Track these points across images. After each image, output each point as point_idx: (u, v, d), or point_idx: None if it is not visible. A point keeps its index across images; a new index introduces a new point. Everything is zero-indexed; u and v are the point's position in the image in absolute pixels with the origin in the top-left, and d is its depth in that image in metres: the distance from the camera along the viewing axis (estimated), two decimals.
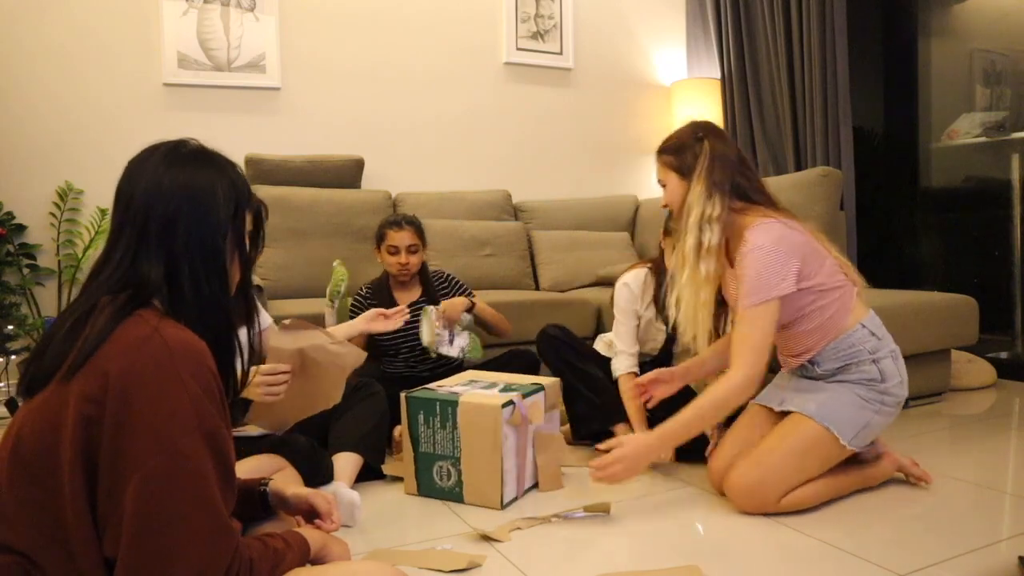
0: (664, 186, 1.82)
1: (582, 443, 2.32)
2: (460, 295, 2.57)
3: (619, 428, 2.11)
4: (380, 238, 2.50)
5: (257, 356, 1.18)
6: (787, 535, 1.61)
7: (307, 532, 1.05)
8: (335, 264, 2.64)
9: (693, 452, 2.13)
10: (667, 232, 2.10)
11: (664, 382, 1.93)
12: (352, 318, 2.46)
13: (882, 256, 3.94)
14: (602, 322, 3.06)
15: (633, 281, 2.22)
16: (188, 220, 0.92)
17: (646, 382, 1.93)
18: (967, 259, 3.78)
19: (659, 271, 2.19)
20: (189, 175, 0.94)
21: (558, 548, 1.56)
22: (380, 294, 2.50)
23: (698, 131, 1.75)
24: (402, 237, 2.45)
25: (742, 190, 1.71)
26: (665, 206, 1.84)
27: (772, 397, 1.85)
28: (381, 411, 2.00)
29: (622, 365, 2.19)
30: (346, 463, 1.84)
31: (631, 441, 1.68)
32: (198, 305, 0.92)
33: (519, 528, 1.65)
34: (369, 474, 1.95)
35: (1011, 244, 3.45)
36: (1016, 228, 3.44)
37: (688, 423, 1.65)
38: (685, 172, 1.73)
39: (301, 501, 1.18)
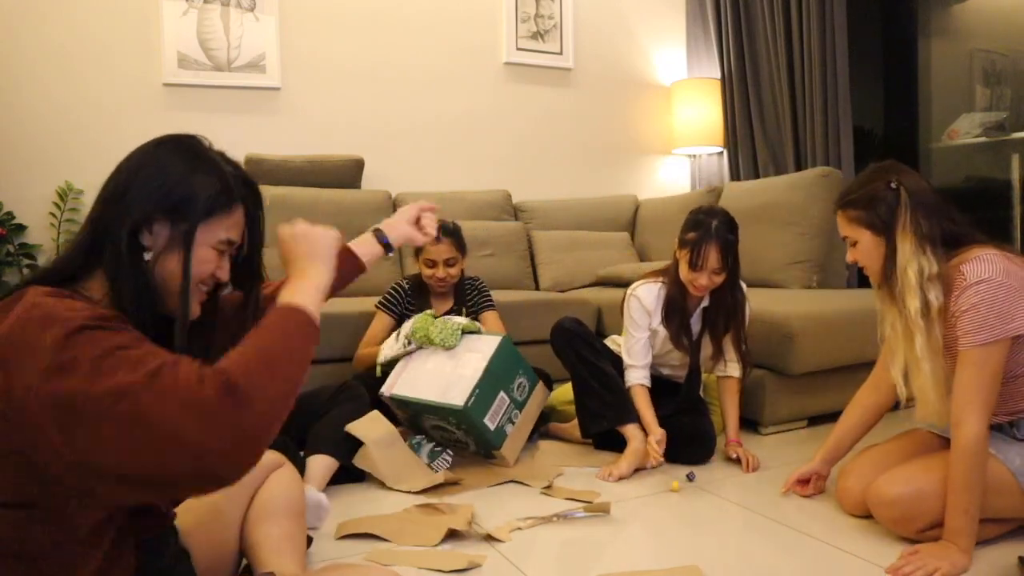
0: (853, 244, 1.60)
1: (589, 442, 2.33)
2: (483, 306, 2.55)
3: (628, 430, 2.08)
4: (417, 249, 2.46)
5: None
6: (787, 535, 1.61)
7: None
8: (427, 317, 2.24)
9: (694, 449, 2.14)
10: (682, 244, 2.00)
11: (808, 480, 1.84)
12: (386, 304, 2.48)
13: None
14: (602, 322, 3.06)
15: (646, 296, 2.12)
16: (104, 204, 0.89)
17: (794, 483, 1.83)
18: None
19: (673, 284, 2.08)
20: (153, 157, 0.91)
21: (558, 548, 1.56)
22: (419, 296, 2.48)
23: (889, 177, 1.52)
24: (439, 251, 2.40)
25: (952, 235, 1.51)
26: (854, 262, 1.62)
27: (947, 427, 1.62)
28: (362, 413, 2.00)
29: (633, 377, 2.12)
30: (319, 466, 1.84)
31: (941, 562, 1.39)
32: (117, 283, 0.86)
33: (519, 528, 1.65)
34: (350, 477, 1.94)
35: (1011, 244, 3.45)
36: (1016, 228, 3.44)
37: (967, 511, 1.40)
38: (880, 228, 1.52)
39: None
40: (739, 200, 3.34)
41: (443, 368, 2.09)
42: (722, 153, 4.25)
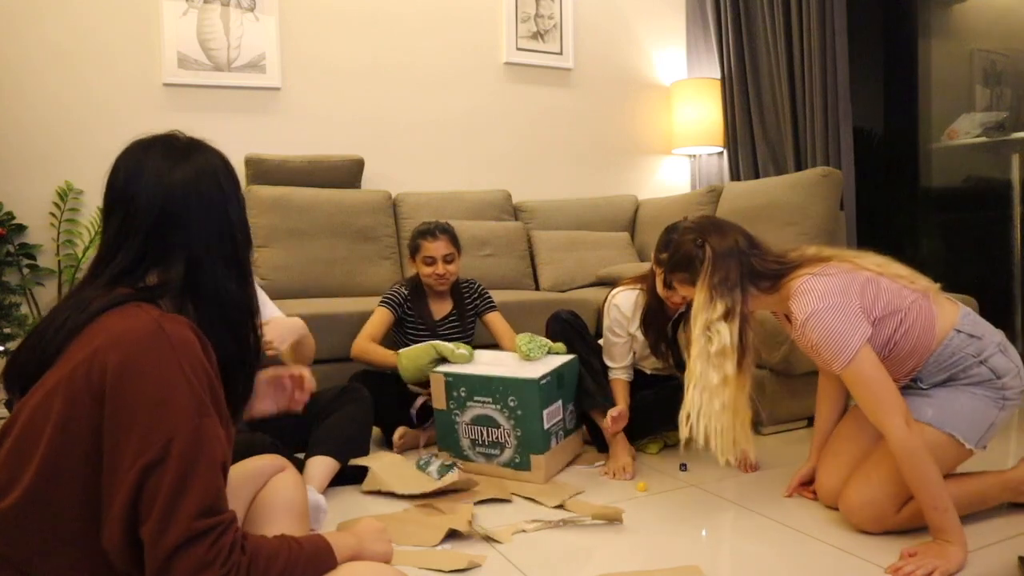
0: (687, 299, 1.74)
1: (590, 444, 2.33)
2: (485, 308, 2.55)
3: (610, 421, 2.10)
4: (415, 249, 2.45)
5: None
6: (787, 535, 1.61)
7: (337, 536, 1.01)
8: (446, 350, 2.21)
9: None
10: (658, 263, 2.04)
11: (810, 481, 1.85)
12: (389, 302, 2.45)
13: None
14: (601, 323, 3.05)
15: (624, 303, 2.19)
16: (202, 217, 0.93)
17: (796, 487, 1.86)
18: (967, 259, 3.78)
19: (650, 294, 2.13)
20: (194, 171, 0.94)
21: (558, 548, 1.56)
22: (417, 301, 2.47)
23: (696, 236, 1.67)
24: (437, 247, 2.40)
25: (760, 272, 1.63)
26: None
27: None
28: (364, 416, 1.99)
29: (614, 375, 2.22)
30: (319, 467, 1.84)
31: (939, 560, 1.40)
32: (219, 300, 0.93)
33: (524, 531, 1.65)
34: (353, 479, 1.94)
35: (1011, 244, 3.45)
36: (1016, 228, 3.44)
37: (936, 506, 1.42)
38: (697, 281, 1.66)
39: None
40: (739, 200, 3.33)
41: (511, 364, 2.13)
42: (722, 153, 4.25)
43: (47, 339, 0.88)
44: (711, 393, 1.59)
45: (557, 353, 2.20)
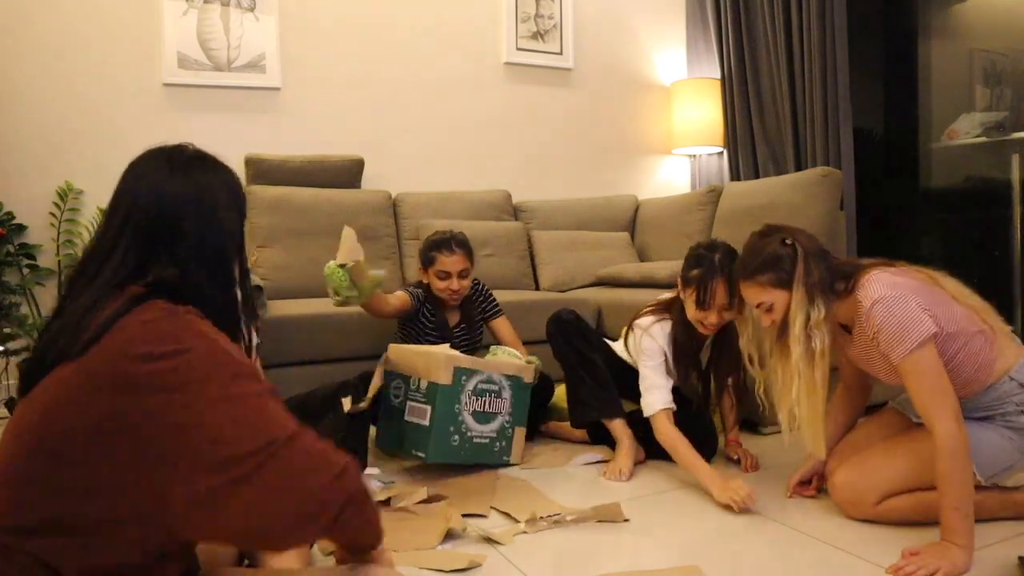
0: (768, 309, 1.64)
1: (587, 440, 2.33)
2: (491, 312, 2.51)
3: (616, 426, 2.09)
4: (429, 260, 2.38)
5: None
6: (787, 535, 1.61)
7: None
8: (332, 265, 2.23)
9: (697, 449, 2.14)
10: (686, 282, 1.96)
11: (809, 480, 1.86)
12: (412, 294, 2.39)
13: (882, 256, 3.93)
14: (602, 322, 3.05)
15: (660, 334, 2.06)
16: (197, 226, 0.96)
17: (796, 486, 1.85)
18: (967, 259, 3.78)
19: (678, 325, 2.04)
20: (195, 181, 0.98)
21: (558, 548, 1.56)
22: (434, 307, 2.43)
23: (782, 236, 1.63)
24: (454, 262, 2.33)
25: (843, 271, 1.62)
26: (772, 324, 1.66)
27: (911, 407, 1.71)
28: (362, 413, 1.99)
29: (658, 400, 1.99)
30: None
31: (942, 561, 1.39)
32: (205, 308, 0.95)
33: (525, 532, 1.64)
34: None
35: (1011, 244, 3.45)
36: (1016, 228, 3.44)
37: (958, 508, 1.41)
38: (788, 283, 1.60)
39: None
40: (739, 200, 3.33)
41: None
42: (722, 153, 4.25)
43: (61, 345, 0.87)
44: (817, 395, 1.60)
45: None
